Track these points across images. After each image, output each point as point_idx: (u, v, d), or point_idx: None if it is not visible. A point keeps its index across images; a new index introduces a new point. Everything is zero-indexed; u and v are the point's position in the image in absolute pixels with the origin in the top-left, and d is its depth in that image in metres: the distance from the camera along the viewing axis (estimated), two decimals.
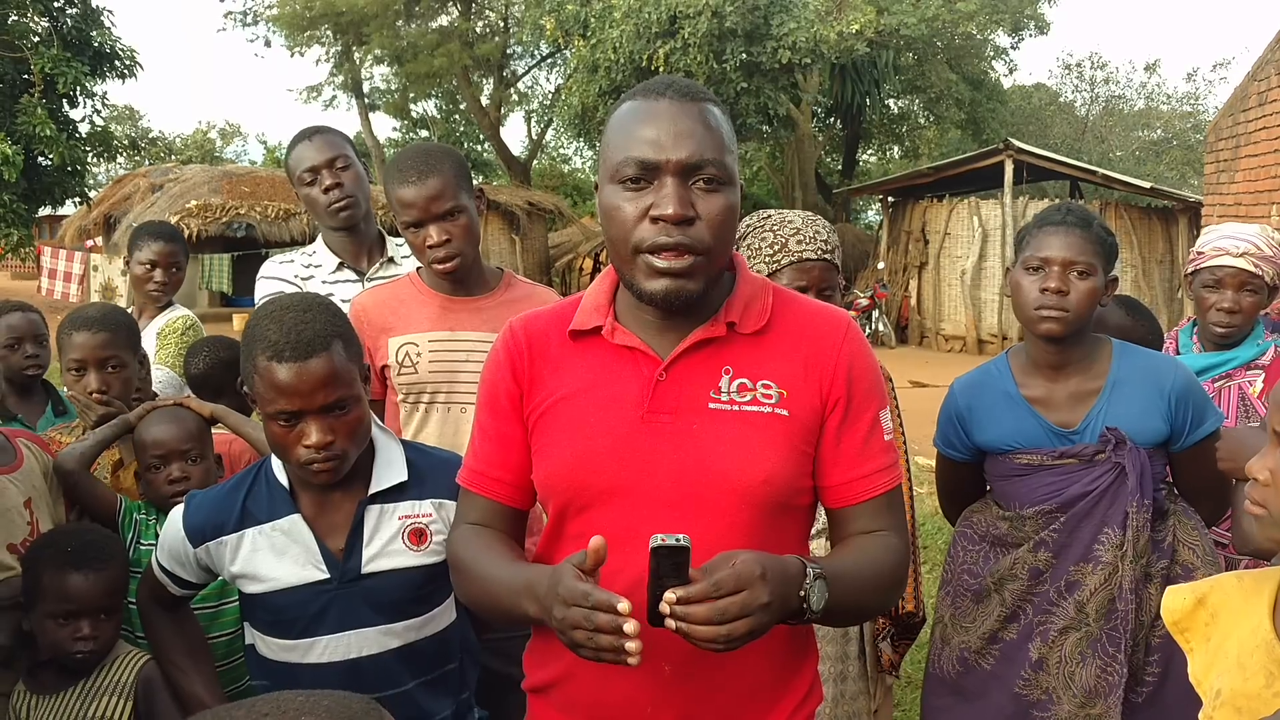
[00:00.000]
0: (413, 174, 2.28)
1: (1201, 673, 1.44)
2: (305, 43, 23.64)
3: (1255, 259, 2.67)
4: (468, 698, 1.90)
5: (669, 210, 1.31)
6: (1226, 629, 1.42)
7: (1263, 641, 1.34)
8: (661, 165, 1.32)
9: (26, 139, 13.08)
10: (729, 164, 1.36)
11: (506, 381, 1.50)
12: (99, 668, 1.96)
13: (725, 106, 1.42)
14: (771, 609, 1.20)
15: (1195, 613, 1.48)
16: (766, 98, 16.26)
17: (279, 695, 0.86)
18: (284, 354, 1.61)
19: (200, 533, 1.79)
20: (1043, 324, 2.11)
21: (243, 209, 17.52)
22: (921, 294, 16.68)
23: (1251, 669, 1.34)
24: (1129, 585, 2.05)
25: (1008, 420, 2.19)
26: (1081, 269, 2.09)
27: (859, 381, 1.45)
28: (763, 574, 1.19)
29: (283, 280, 2.78)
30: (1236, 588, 1.42)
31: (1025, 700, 2.14)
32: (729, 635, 1.17)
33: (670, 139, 1.32)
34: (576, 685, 1.45)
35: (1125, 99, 27.30)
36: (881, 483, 1.45)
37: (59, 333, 2.50)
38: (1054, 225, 2.13)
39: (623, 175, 1.34)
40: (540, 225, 21.17)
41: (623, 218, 1.35)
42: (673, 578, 1.17)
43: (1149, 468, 2.09)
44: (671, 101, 1.35)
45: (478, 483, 1.53)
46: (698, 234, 1.33)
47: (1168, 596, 1.51)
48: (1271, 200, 8.45)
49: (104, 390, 2.40)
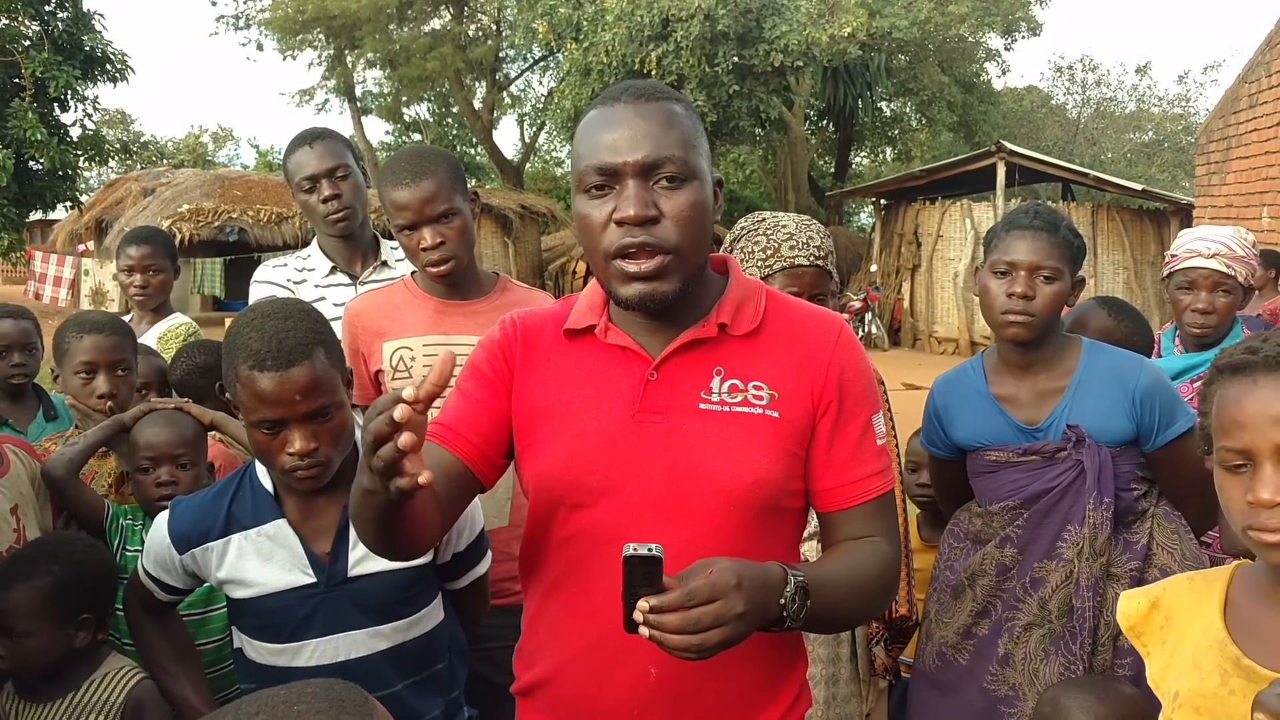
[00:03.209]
0: (407, 177, 2.27)
1: (1159, 675, 1.45)
2: (297, 46, 23.60)
3: (1227, 260, 2.71)
4: (457, 697, 1.90)
5: (630, 212, 1.31)
6: (1181, 631, 1.43)
7: (1215, 641, 1.35)
8: (620, 169, 1.33)
9: (17, 143, 13.03)
10: (691, 160, 1.35)
11: (498, 362, 1.49)
12: (88, 681, 1.92)
13: (689, 104, 1.41)
14: (748, 618, 1.19)
15: (1150, 616, 1.48)
16: (759, 100, 16.28)
17: (263, 694, 0.87)
18: (266, 363, 1.61)
19: (186, 539, 1.79)
20: (1009, 328, 2.14)
21: (235, 213, 17.48)
22: (914, 296, 16.71)
23: (1206, 669, 1.35)
24: (1086, 583, 2.07)
25: (978, 417, 2.23)
26: (1048, 273, 2.12)
27: (851, 385, 1.44)
28: (738, 583, 1.18)
29: (276, 284, 2.77)
30: (1188, 589, 1.43)
31: (993, 695, 2.16)
32: (701, 645, 1.15)
33: (627, 142, 1.33)
34: (563, 686, 1.45)
35: (1117, 101, 27.38)
36: (873, 488, 1.45)
37: (61, 336, 2.48)
38: (1021, 229, 2.16)
39: (587, 184, 1.35)
40: (533, 228, 21.16)
41: (591, 225, 1.35)
42: (645, 586, 1.17)
43: (1110, 466, 2.10)
44: (627, 105, 1.35)
45: (442, 434, 1.44)
46: (663, 233, 1.33)
47: (1123, 601, 1.52)
48: (1262, 202, 8.48)
49: (114, 393, 2.40)
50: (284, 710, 0.84)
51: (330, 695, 0.87)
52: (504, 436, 1.48)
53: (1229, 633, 1.34)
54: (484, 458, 1.46)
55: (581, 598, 1.42)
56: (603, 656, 1.40)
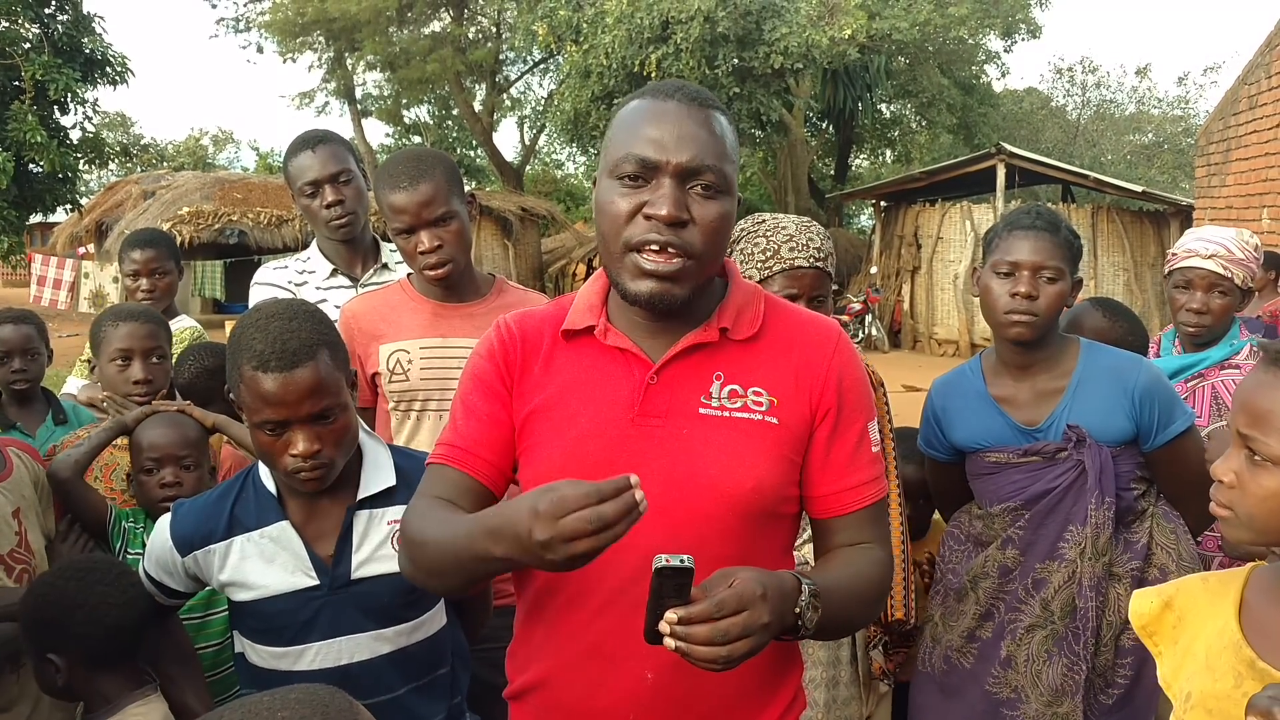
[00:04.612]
0: (404, 180, 2.27)
1: (1171, 675, 1.45)
2: (297, 49, 23.60)
3: (1224, 261, 2.72)
4: (459, 702, 1.89)
5: (663, 210, 1.31)
6: (1194, 631, 1.42)
7: (1230, 642, 1.34)
8: (661, 165, 1.32)
9: (17, 146, 13.03)
10: (728, 173, 1.36)
11: (499, 369, 1.48)
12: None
13: (733, 117, 1.41)
14: (771, 628, 1.19)
15: (1162, 615, 1.48)
16: (759, 103, 16.28)
17: (247, 700, 0.87)
18: (269, 364, 1.60)
19: (188, 541, 1.78)
20: (1012, 329, 2.14)
21: (235, 215, 17.47)
22: (914, 298, 16.70)
23: (1220, 670, 1.34)
24: (1089, 583, 2.07)
25: (977, 419, 2.23)
26: (1051, 273, 2.12)
27: (849, 393, 1.45)
28: (764, 593, 1.18)
29: (276, 286, 2.77)
30: (1202, 590, 1.42)
31: (995, 699, 2.15)
32: (729, 655, 1.15)
33: (673, 140, 1.32)
34: (558, 690, 1.44)
35: (1116, 103, 27.37)
36: (868, 494, 1.45)
37: (97, 327, 2.53)
38: (1024, 229, 2.16)
39: (622, 171, 1.34)
40: (533, 231, 21.15)
41: (616, 212, 1.34)
42: (674, 597, 1.16)
43: (1110, 466, 2.10)
44: (679, 104, 1.35)
45: (457, 457, 1.44)
46: (690, 238, 1.33)
47: (1135, 600, 1.52)
48: (1262, 204, 8.48)
49: (149, 379, 2.41)
50: (267, 717, 0.84)
51: (314, 701, 0.86)
52: (513, 445, 1.48)
53: (1244, 635, 1.34)
54: (499, 473, 1.47)
55: (578, 601, 1.41)
56: (599, 660, 1.39)
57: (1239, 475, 1.28)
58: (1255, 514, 1.27)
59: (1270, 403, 1.26)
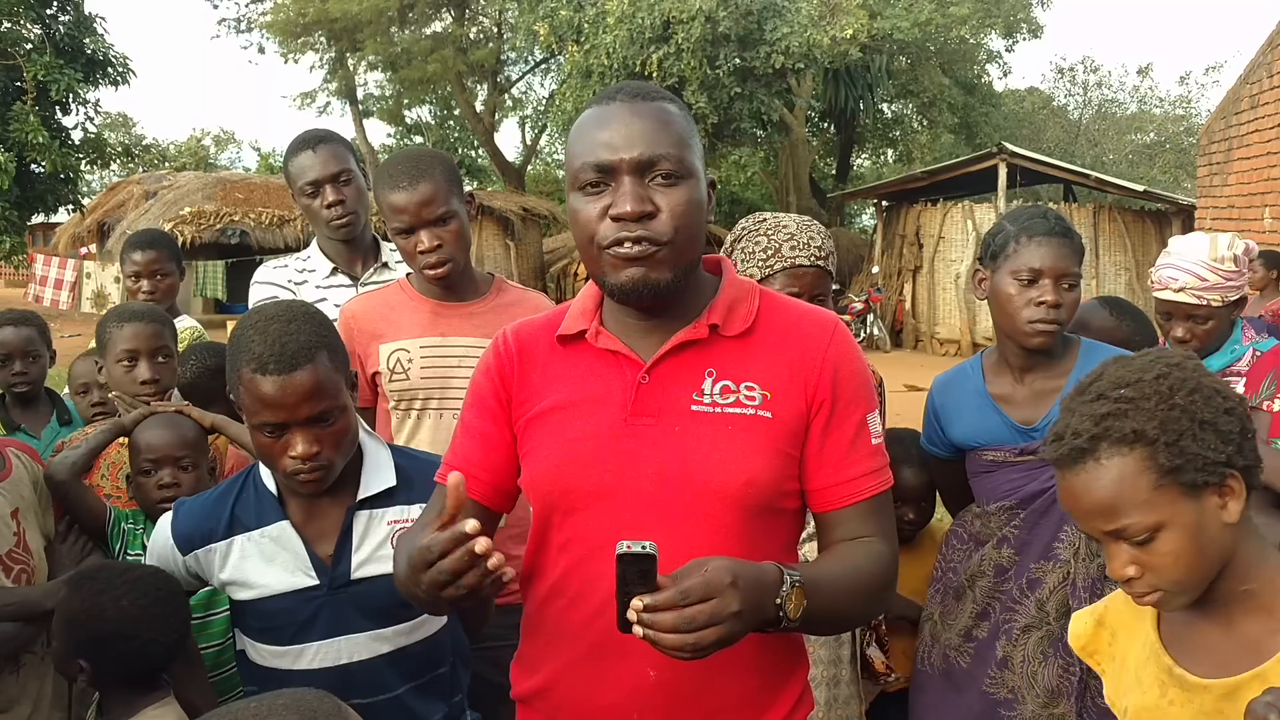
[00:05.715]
0: (403, 180, 2.27)
1: (1113, 693, 1.45)
2: (299, 49, 23.61)
3: (1196, 291, 2.60)
4: (460, 701, 1.89)
5: (626, 208, 1.32)
6: (1125, 646, 1.43)
7: (1151, 653, 1.35)
8: (616, 165, 1.33)
9: (19, 146, 13.07)
10: (685, 157, 1.36)
11: (495, 385, 1.50)
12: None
13: (683, 105, 1.43)
14: (743, 617, 1.18)
15: (1097, 634, 1.48)
16: (760, 102, 16.28)
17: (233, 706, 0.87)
18: (269, 366, 1.60)
19: (189, 540, 1.78)
20: (1036, 337, 2.11)
21: (237, 215, 17.48)
22: (916, 298, 16.69)
23: (1147, 682, 1.35)
24: (1081, 584, 2.06)
25: (975, 417, 2.22)
26: (1071, 281, 2.11)
27: (845, 383, 1.44)
28: (733, 581, 1.17)
29: (276, 285, 2.77)
30: (1126, 604, 1.41)
31: (992, 699, 2.15)
32: (696, 644, 1.14)
33: (623, 140, 1.34)
34: (562, 692, 1.45)
35: (1118, 102, 27.39)
36: (868, 487, 1.44)
37: (102, 328, 2.50)
38: (1043, 235, 2.12)
39: (583, 180, 1.36)
40: (535, 231, 21.16)
41: (586, 219, 1.36)
42: (639, 585, 1.15)
43: None
44: (622, 104, 1.37)
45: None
46: (658, 227, 1.34)
47: (1073, 621, 1.52)
48: (1264, 203, 8.47)
49: (155, 379, 2.40)
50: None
51: (301, 705, 0.86)
52: (513, 462, 1.50)
53: (1162, 644, 1.35)
54: (497, 492, 1.50)
55: (579, 601, 1.41)
56: (601, 659, 1.40)
57: (1138, 561, 1.26)
58: (1178, 578, 1.25)
59: (1098, 494, 1.24)
